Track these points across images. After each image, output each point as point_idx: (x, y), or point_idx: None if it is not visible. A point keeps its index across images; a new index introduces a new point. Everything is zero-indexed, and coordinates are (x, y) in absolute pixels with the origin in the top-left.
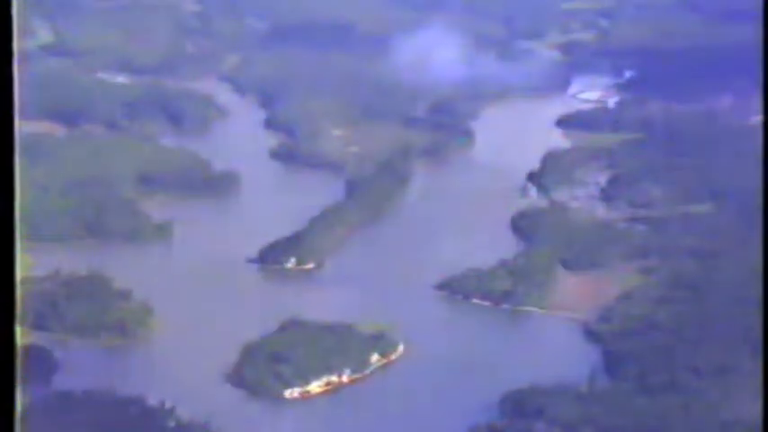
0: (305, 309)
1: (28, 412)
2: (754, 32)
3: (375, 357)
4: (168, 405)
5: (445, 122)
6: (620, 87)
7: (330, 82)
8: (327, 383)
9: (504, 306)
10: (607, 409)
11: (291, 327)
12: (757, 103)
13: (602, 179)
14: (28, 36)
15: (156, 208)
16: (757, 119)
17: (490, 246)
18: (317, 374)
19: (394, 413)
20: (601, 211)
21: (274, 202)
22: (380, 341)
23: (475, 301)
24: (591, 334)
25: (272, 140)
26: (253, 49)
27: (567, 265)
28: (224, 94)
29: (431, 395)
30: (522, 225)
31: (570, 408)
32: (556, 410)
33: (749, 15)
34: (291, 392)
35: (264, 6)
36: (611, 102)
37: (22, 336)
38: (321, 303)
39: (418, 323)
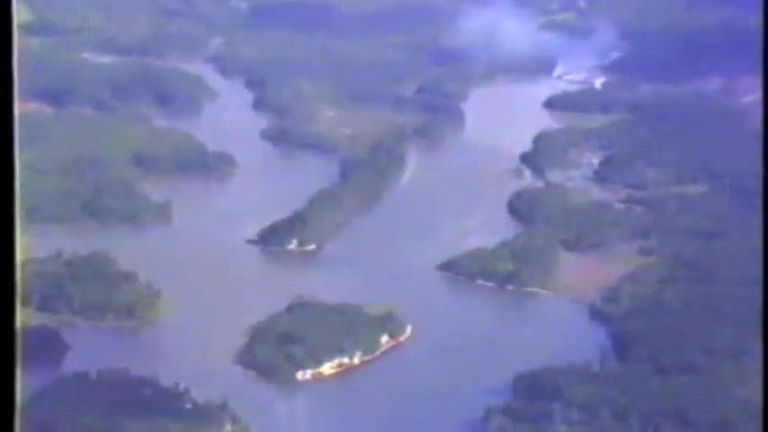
0: (310, 290)
1: (40, 394)
2: (734, 14)
3: (384, 339)
4: (182, 387)
5: (434, 103)
6: (606, 68)
7: (316, 63)
8: (339, 365)
9: (509, 287)
10: (622, 389)
11: (299, 308)
12: (744, 83)
13: (595, 160)
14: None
15: (152, 189)
16: (746, 99)
17: (489, 227)
18: (329, 356)
19: (408, 395)
20: (596, 193)
21: (270, 183)
22: (389, 322)
23: (479, 282)
24: (598, 315)
25: (262, 122)
26: (236, 30)
27: (567, 246)
28: (210, 75)
29: (443, 376)
30: (519, 206)
31: (585, 388)
32: (571, 391)
33: None
34: (303, 374)
35: None
36: (598, 83)
37: (29, 318)
38: (325, 285)
39: (424, 304)
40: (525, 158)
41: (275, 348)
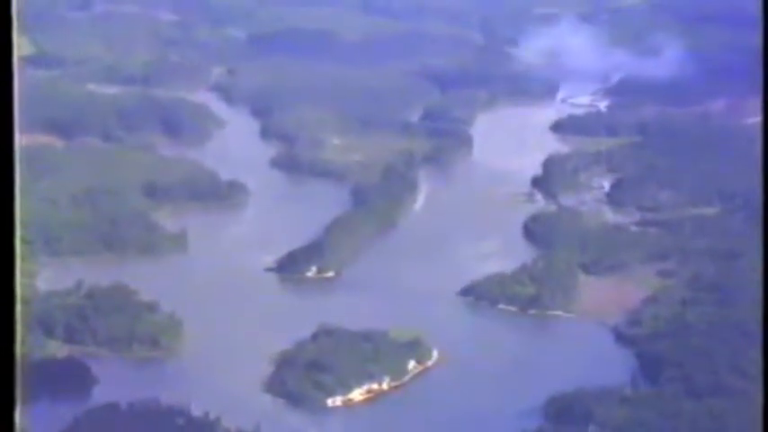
0: (332, 317)
1: (72, 426)
2: (731, 35)
3: (412, 364)
4: (213, 415)
5: (441, 129)
6: (609, 91)
7: (319, 90)
8: (369, 391)
9: (531, 311)
10: (655, 412)
11: (324, 335)
12: (749, 104)
13: (606, 183)
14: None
15: (166, 219)
16: (751, 120)
17: (506, 251)
18: (358, 382)
19: (440, 420)
20: (610, 215)
21: (283, 211)
22: (416, 348)
23: (501, 306)
24: (622, 338)
25: (270, 150)
26: (237, 58)
27: (585, 269)
28: (215, 104)
29: (474, 401)
30: (535, 230)
31: (618, 411)
32: (604, 414)
33: (723, 19)
34: (334, 401)
35: (242, 16)
36: (603, 105)
37: (56, 350)
38: (347, 311)
39: (448, 329)
40: (536, 182)
41: (304, 376)
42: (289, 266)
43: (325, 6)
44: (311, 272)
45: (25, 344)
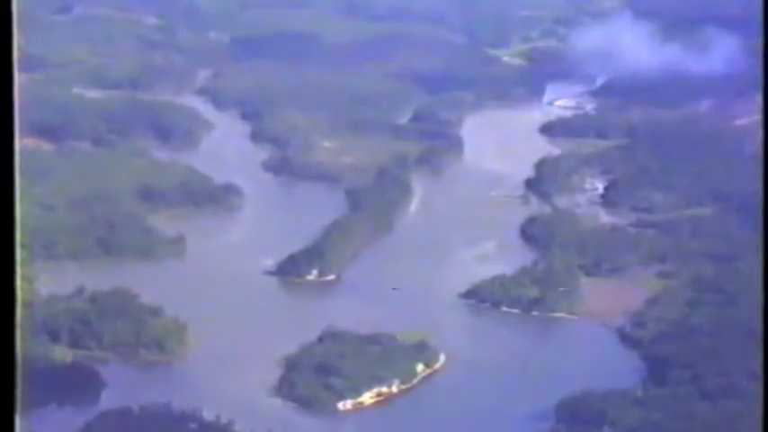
0: (336, 320)
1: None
2: (717, 37)
3: (420, 367)
4: (224, 420)
5: (431, 131)
6: (594, 93)
7: (306, 93)
8: (379, 394)
9: (534, 313)
10: (668, 414)
11: (330, 338)
12: (737, 105)
13: (599, 185)
14: None
15: (162, 222)
16: (739, 122)
17: (504, 253)
18: (368, 386)
19: (452, 422)
20: (606, 217)
21: (278, 214)
22: (423, 351)
23: (504, 309)
24: (628, 339)
25: (262, 153)
26: (221, 62)
27: (585, 271)
28: (202, 108)
29: (484, 403)
30: (532, 232)
31: (631, 413)
32: (616, 416)
33: (706, 21)
34: (344, 404)
35: (225, 19)
36: (590, 108)
37: (62, 355)
38: (351, 314)
39: (453, 332)
40: (530, 184)
41: (313, 379)
42: (289, 270)
43: (308, 9)
44: (312, 275)
45: (26, 348)
